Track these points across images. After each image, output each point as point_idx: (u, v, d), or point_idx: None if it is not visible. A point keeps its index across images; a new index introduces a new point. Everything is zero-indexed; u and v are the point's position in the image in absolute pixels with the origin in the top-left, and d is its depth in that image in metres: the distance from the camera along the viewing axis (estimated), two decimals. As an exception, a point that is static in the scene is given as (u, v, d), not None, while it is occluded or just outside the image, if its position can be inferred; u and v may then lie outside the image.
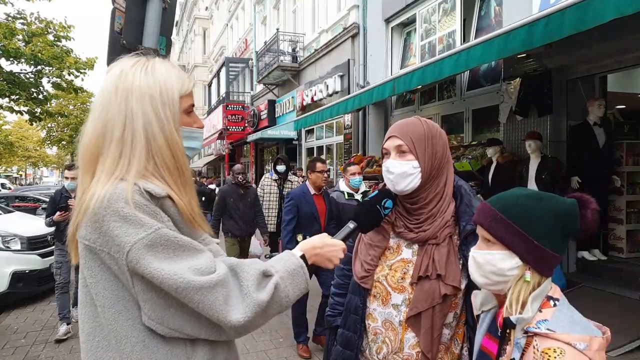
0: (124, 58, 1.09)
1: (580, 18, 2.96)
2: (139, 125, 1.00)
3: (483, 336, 1.15)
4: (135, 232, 0.90)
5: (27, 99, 11.34)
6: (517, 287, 1.04)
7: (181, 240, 0.95)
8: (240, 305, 0.95)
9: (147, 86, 1.02)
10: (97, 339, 0.97)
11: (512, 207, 1.07)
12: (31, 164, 45.79)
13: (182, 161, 1.05)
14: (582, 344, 0.93)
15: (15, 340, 4.61)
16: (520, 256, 1.04)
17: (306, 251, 1.16)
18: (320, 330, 4.26)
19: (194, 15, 30.26)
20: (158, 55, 1.29)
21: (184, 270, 0.91)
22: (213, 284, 0.93)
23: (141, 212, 0.92)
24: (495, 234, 1.07)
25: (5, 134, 31.04)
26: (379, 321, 1.43)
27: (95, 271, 0.96)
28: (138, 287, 0.93)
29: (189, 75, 1.16)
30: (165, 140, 1.02)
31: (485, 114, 6.62)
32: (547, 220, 1.04)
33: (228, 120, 17.22)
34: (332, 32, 11.24)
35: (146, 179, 0.98)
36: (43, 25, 11.20)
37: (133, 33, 2.84)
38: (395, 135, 1.40)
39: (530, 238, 1.03)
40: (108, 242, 0.92)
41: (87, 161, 1.02)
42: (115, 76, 1.04)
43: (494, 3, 6.48)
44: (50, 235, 6.65)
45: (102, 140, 1.00)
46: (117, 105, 1.01)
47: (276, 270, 1.04)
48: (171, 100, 1.05)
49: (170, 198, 1.00)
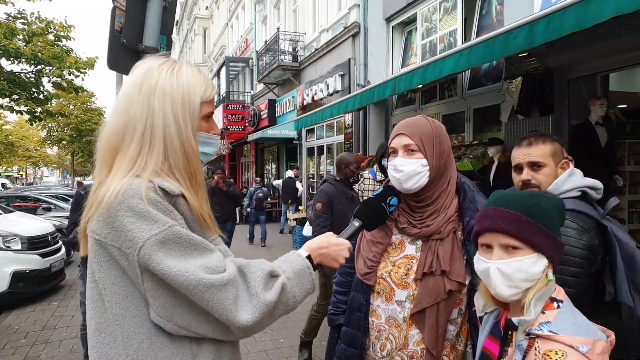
0: (152, 57, 1.09)
1: (582, 16, 2.96)
2: (159, 125, 1.01)
3: (486, 338, 1.14)
4: (149, 229, 0.90)
5: (27, 99, 11.34)
6: (537, 287, 1.02)
7: (193, 239, 0.95)
8: (249, 306, 0.95)
9: (171, 88, 1.03)
10: (103, 335, 0.97)
11: (530, 207, 1.04)
12: (32, 164, 45.78)
13: (196, 165, 1.05)
14: (585, 347, 0.92)
15: (15, 340, 4.61)
16: (548, 256, 1.04)
17: (312, 251, 1.16)
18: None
19: (195, 15, 30.27)
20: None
21: (196, 268, 0.91)
22: (224, 283, 0.93)
23: (155, 209, 0.93)
24: (524, 238, 1.02)
25: (6, 134, 31.04)
26: (383, 318, 1.43)
27: (105, 267, 0.96)
28: (148, 284, 0.93)
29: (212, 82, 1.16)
30: (181, 143, 1.03)
31: (486, 114, 6.61)
32: (556, 216, 1.06)
33: (228, 120, 17.23)
34: (332, 31, 11.24)
35: (161, 178, 0.99)
36: (44, 25, 11.20)
37: (134, 32, 2.83)
38: (403, 133, 1.40)
39: (554, 235, 1.04)
40: (120, 238, 0.92)
41: (106, 156, 1.02)
42: (141, 74, 1.05)
43: (495, 2, 6.46)
44: (50, 235, 6.67)
45: (122, 137, 1.01)
46: (140, 104, 1.01)
47: (283, 271, 1.05)
48: (192, 105, 1.05)
49: (184, 197, 1.00)
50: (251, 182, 17.73)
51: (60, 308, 5.75)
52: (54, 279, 6.52)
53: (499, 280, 1.03)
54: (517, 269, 1.01)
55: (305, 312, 5.33)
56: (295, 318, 5.13)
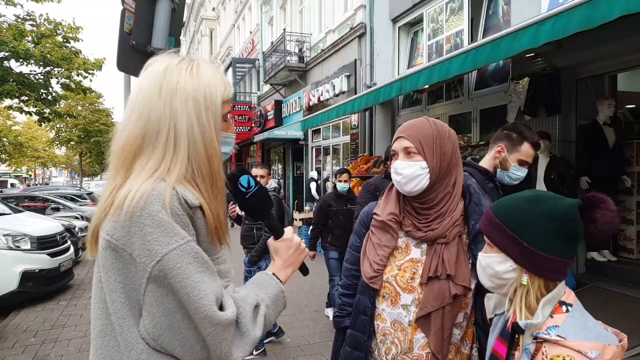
0: (166, 54, 1.05)
1: (589, 16, 2.94)
2: (183, 128, 0.97)
3: (495, 340, 1.13)
4: (167, 242, 0.88)
5: (36, 99, 11.45)
6: (518, 291, 1.04)
7: (205, 257, 0.94)
8: (241, 343, 0.96)
9: (192, 88, 0.99)
10: (107, 337, 0.96)
11: (506, 210, 1.08)
12: (40, 164, 46.16)
13: (217, 168, 1.02)
14: (594, 352, 0.90)
15: (25, 339, 4.65)
16: (514, 259, 1.04)
17: (279, 272, 1.16)
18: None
19: (201, 16, 30.38)
20: None
21: (211, 295, 0.90)
22: (228, 323, 0.92)
23: (175, 220, 0.90)
24: (490, 236, 1.10)
25: (15, 134, 31.31)
26: (388, 322, 1.43)
27: (110, 269, 0.93)
28: (149, 297, 0.90)
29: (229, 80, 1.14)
30: (204, 145, 0.99)
31: (493, 114, 6.58)
32: (542, 222, 1.01)
33: (235, 120, 17.29)
34: (338, 32, 11.23)
35: (183, 185, 0.96)
36: (52, 27, 11.28)
37: (142, 34, 2.85)
38: (402, 136, 1.40)
39: (520, 241, 1.02)
40: (134, 244, 0.89)
41: (122, 160, 0.98)
42: (159, 74, 1.00)
43: (502, 2, 6.44)
44: (59, 234, 6.72)
45: (142, 141, 0.97)
46: (161, 106, 0.98)
47: (262, 299, 1.04)
48: (214, 105, 1.02)
49: (201, 208, 0.97)
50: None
51: (69, 307, 5.81)
52: (63, 278, 6.58)
53: (479, 269, 1.15)
54: (487, 263, 1.11)
55: (312, 312, 5.34)
56: (302, 318, 5.15)
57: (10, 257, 5.74)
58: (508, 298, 1.09)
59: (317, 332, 4.73)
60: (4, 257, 5.70)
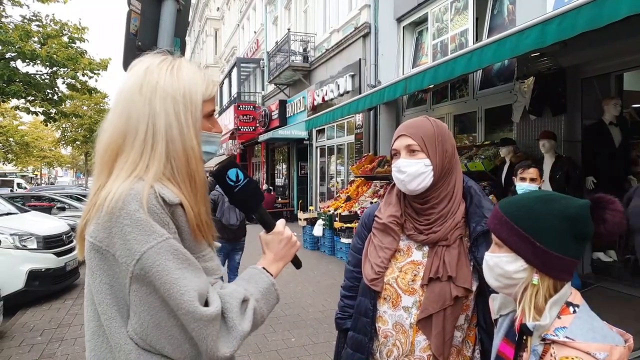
0: (150, 55, 1.06)
1: (596, 15, 2.93)
2: (161, 126, 0.99)
3: (501, 341, 1.13)
4: (145, 240, 0.89)
5: (42, 100, 11.51)
6: (528, 291, 1.03)
7: (186, 254, 0.94)
8: (228, 338, 0.95)
9: (172, 87, 1.01)
10: (100, 338, 0.97)
11: (517, 209, 1.06)
12: (46, 164, 46.43)
13: (195, 168, 1.02)
14: (602, 353, 0.90)
15: (31, 337, 4.69)
16: (526, 259, 1.03)
17: (270, 266, 1.15)
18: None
19: (206, 16, 30.46)
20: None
21: (192, 291, 0.90)
22: (212, 318, 0.92)
23: (153, 218, 0.91)
24: (500, 236, 1.08)
25: (21, 134, 31.51)
26: (390, 324, 1.42)
27: (96, 271, 0.94)
28: (133, 296, 0.91)
29: (212, 78, 1.14)
30: (182, 145, 1.00)
31: (498, 114, 6.57)
32: (555, 222, 1.01)
33: (239, 120, 17.32)
34: (343, 31, 11.23)
35: (162, 183, 0.97)
36: (58, 27, 11.34)
37: (148, 35, 2.86)
38: (404, 134, 1.39)
39: (533, 240, 1.02)
40: (115, 244, 0.90)
41: (105, 159, 1.00)
42: (140, 73, 1.02)
43: (507, 1, 6.41)
44: (65, 234, 6.76)
45: (123, 140, 0.99)
46: (140, 105, 0.99)
47: (251, 294, 1.04)
48: (194, 104, 1.03)
49: (182, 206, 0.98)
50: (261, 183, 17.80)
51: (75, 306, 5.84)
52: (69, 278, 6.62)
53: (486, 270, 1.13)
54: (495, 263, 1.09)
55: (317, 311, 5.35)
56: (307, 317, 5.16)
57: (16, 256, 5.79)
58: (515, 298, 1.08)
59: (322, 332, 4.73)
60: (11, 256, 5.74)
